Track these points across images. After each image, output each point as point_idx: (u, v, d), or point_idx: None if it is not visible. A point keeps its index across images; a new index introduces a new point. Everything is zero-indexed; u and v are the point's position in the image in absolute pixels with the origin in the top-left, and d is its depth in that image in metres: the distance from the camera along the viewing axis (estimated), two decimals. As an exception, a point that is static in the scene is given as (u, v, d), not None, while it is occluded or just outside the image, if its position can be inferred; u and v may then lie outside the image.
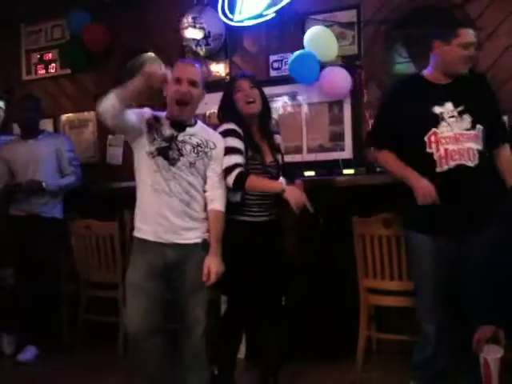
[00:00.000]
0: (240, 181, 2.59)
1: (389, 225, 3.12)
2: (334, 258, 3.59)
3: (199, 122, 2.64)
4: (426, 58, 2.80)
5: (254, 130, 2.80)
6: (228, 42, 4.20)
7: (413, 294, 2.91)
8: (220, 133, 2.69)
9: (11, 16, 4.84)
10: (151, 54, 4.51)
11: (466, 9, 3.59)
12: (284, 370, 3.30)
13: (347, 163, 3.76)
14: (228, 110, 2.79)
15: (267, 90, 3.98)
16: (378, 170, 3.56)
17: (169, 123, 2.53)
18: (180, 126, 2.54)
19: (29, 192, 3.76)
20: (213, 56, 4.25)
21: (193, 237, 2.52)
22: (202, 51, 4.21)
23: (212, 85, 3.63)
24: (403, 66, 4.02)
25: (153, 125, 2.50)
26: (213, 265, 2.49)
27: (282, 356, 3.08)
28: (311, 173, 3.73)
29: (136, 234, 2.55)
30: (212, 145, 2.58)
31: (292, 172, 3.06)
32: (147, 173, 2.50)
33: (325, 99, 3.90)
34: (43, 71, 4.96)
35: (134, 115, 2.47)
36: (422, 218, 2.64)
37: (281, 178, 2.70)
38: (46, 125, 4.70)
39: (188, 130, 2.55)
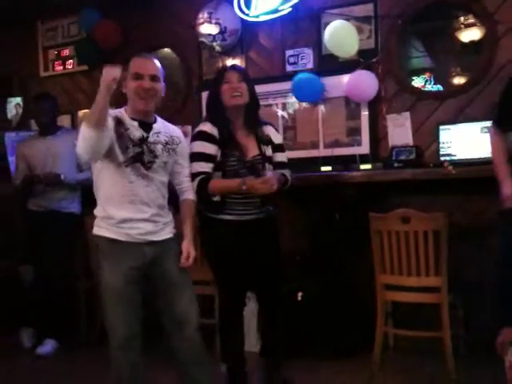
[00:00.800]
0: (202, 187, 2.64)
1: (407, 220, 3.09)
2: (351, 254, 3.58)
3: (158, 118, 2.57)
4: (442, 52, 2.76)
5: (239, 123, 2.78)
6: (244, 38, 4.19)
7: (432, 290, 2.89)
8: (193, 135, 2.74)
9: (28, 13, 4.87)
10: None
11: (483, 3, 3.55)
12: (299, 366, 3.32)
13: (364, 158, 3.74)
14: (212, 103, 2.79)
15: (283, 85, 4.07)
16: (395, 165, 3.55)
17: (137, 124, 2.43)
18: (147, 125, 2.46)
19: (47, 184, 3.78)
20: (228, 51, 4.25)
21: (167, 232, 2.51)
22: (217, 47, 4.21)
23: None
24: (419, 60, 3.99)
25: (121, 132, 2.37)
26: (191, 249, 2.51)
27: (285, 351, 3.07)
28: (328, 168, 3.72)
29: (103, 233, 2.42)
30: (177, 140, 2.56)
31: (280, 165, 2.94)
32: (120, 184, 2.38)
33: (341, 94, 3.86)
34: (60, 67, 4.99)
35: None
36: None
37: (267, 172, 2.69)
38: (64, 121, 4.74)
39: (154, 127, 2.49)
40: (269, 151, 2.84)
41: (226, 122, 2.73)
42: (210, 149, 2.68)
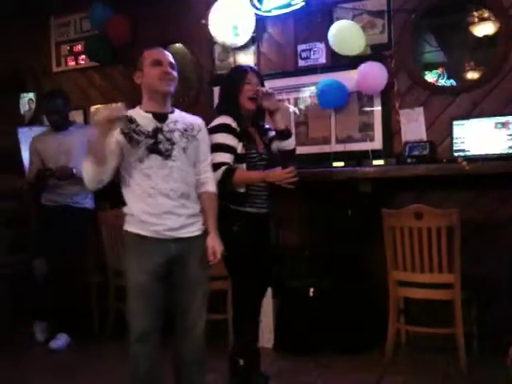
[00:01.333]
0: (228, 177, 2.64)
1: (420, 216, 3.08)
2: (363, 250, 3.57)
3: (176, 110, 2.57)
4: (455, 47, 2.73)
5: (249, 122, 2.87)
6: (256, 32, 4.17)
7: (445, 287, 2.87)
8: (213, 127, 2.72)
9: (41, 9, 4.88)
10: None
11: (499, -4, 3.51)
12: (312, 362, 3.32)
13: (377, 154, 3.72)
14: (229, 101, 2.82)
15: (295, 80, 4.06)
16: (408, 161, 3.53)
17: (151, 116, 2.44)
18: (162, 116, 2.47)
19: (59, 178, 3.80)
20: (241, 46, 4.23)
21: (194, 229, 2.47)
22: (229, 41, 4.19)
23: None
24: (432, 54, 3.96)
25: (128, 132, 2.38)
26: (217, 245, 2.47)
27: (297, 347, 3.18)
28: (340, 163, 3.70)
29: (129, 228, 2.44)
30: (197, 127, 2.55)
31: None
32: (138, 180, 2.40)
33: (354, 89, 3.84)
34: (73, 63, 5.00)
35: (116, 151, 2.38)
36: None
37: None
38: (76, 116, 4.75)
39: (170, 117, 2.49)
40: (272, 145, 3.00)
41: (241, 117, 2.80)
42: (231, 141, 2.71)
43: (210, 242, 2.47)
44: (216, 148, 2.67)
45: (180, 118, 2.53)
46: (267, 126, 3.04)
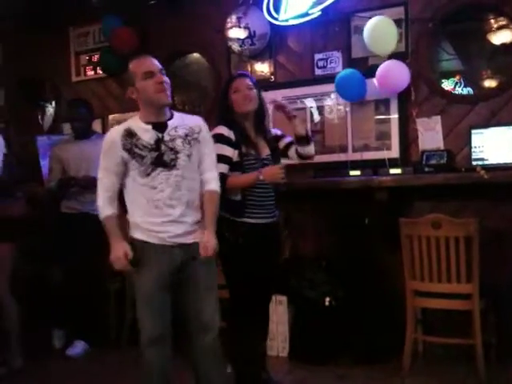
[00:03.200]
0: (220, 183, 2.62)
1: (438, 226, 3.05)
2: (380, 260, 3.55)
3: (175, 113, 2.57)
4: (473, 55, 2.72)
5: (249, 127, 2.89)
6: (273, 42, 4.18)
7: (463, 297, 2.85)
8: None
9: (60, 19, 4.96)
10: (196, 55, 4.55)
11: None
12: (329, 372, 3.30)
13: (394, 162, 3.70)
14: (223, 110, 2.89)
15: (312, 89, 4.07)
16: (426, 169, 3.51)
17: (151, 127, 2.44)
18: (162, 125, 2.46)
19: (83, 187, 3.83)
20: (257, 56, 4.25)
21: (197, 235, 2.48)
22: (245, 51, 4.22)
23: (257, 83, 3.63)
24: (449, 62, 3.94)
25: (131, 148, 2.41)
26: (210, 241, 2.45)
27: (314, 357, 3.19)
28: (357, 172, 3.68)
29: (135, 235, 2.48)
30: (197, 129, 2.53)
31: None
32: (143, 192, 2.42)
33: (371, 98, 3.84)
34: (91, 72, 5.06)
35: (114, 170, 2.48)
36: None
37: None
38: (95, 125, 4.79)
39: (170, 124, 2.48)
40: (289, 151, 3.06)
41: (237, 125, 2.83)
42: (227, 151, 2.76)
43: (203, 236, 2.46)
44: None
45: (180, 122, 2.52)
46: (277, 132, 3.10)
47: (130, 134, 2.43)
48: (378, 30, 3.64)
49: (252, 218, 2.78)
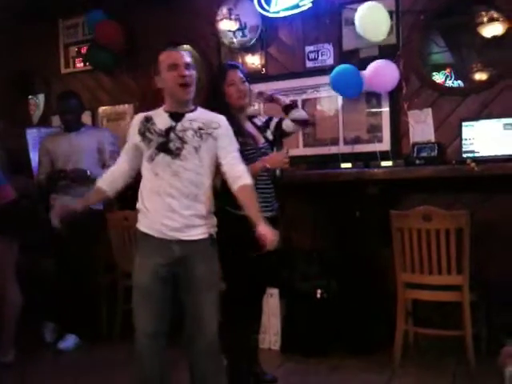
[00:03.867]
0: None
1: (428, 218, 3.07)
2: (372, 252, 3.57)
3: (200, 109, 2.56)
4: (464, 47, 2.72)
5: (243, 118, 2.92)
6: (264, 34, 4.17)
7: (453, 289, 2.87)
8: None
9: (49, 11, 4.91)
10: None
11: (508, -3, 3.50)
12: (320, 364, 3.32)
13: (385, 155, 3.71)
14: (217, 102, 2.82)
15: (303, 82, 4.06)
16: (417, 162, 3.52)
17: (167, 115, 2.47)
18: (178, 115, 2.46)
19: (73, 180, 3.81)
20: (248, 47, 4.24)
21: (198, 233, 2.45)
22: (235, 43, 4.20)
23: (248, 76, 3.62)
24: (439, 55, 3.95)
25: (144, 132, 2.45)
26: (268, 233, 2.34)
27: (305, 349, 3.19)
28: (348, 165, 3.69)
29: (138, 226, 2.50)
30: (215, 124, 2.49)
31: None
32: (148, 178, 2.44)
33: (362, 91, 3.83)
34: (81, 64, 5.03)
35: (128, 153, 2.56)
36: None
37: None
38: (85, 117, 4.75)
39: (188, 116, 2.47)
40: (270, 135, 3.03)
41: (232, 117, 2.77)
42: None
43: (261, 230, 2.35)
44: None
45: (199, 117, 2.49)
46: (264, 118, 3.10)
47: (147, 119, 2.48)
48: (370, 16, 3.64)
49: None
